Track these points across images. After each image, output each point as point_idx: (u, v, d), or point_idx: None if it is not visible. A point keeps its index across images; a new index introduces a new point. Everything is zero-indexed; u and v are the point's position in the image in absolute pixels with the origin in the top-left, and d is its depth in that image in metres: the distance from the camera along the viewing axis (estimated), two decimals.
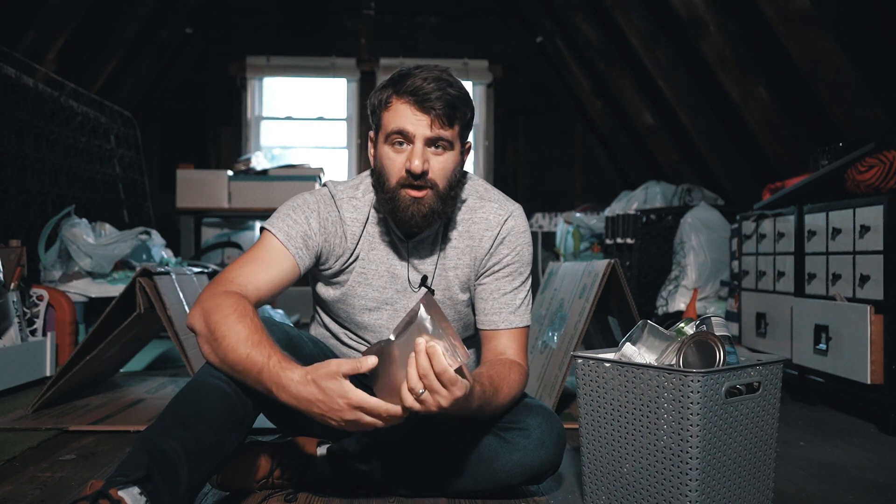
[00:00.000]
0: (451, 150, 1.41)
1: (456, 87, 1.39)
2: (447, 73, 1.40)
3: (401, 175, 1.39)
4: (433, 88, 1.36)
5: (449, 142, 1.40)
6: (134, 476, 1.12)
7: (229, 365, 1.25)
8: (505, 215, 1.51)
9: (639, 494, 1.32)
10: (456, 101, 1.38)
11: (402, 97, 1.38)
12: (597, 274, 2.19)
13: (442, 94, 1.36)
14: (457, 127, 1.41)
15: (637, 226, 4.11)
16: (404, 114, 1.37)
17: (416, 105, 1.36)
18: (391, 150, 1.40)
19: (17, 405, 2.31)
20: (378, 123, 1.43)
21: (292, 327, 1.53)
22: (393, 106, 1.39)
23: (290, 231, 1.43)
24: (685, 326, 1.42)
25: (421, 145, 1.38)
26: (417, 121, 1.37)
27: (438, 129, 1.37)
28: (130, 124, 4.84)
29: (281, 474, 1.48)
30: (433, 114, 1.36)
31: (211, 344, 1.27)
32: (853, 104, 3.03)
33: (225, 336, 1.25)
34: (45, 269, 3.31)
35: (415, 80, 1.37)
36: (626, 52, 4.65)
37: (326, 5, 6.08)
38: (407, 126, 1.37)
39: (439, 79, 1.37)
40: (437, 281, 1.51)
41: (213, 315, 1.27)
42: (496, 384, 1.35)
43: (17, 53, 3.49)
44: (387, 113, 1.40)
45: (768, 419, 1.36)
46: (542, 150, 6.28)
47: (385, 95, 1.40)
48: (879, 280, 2.17)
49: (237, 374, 1.25)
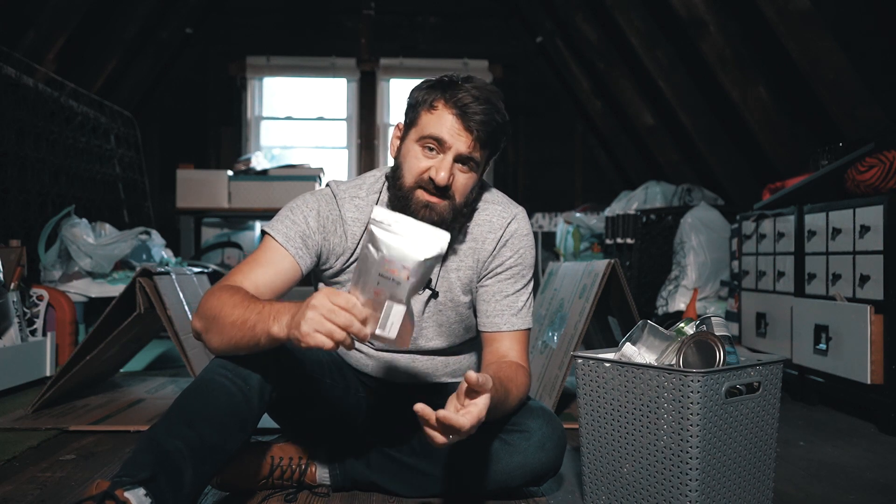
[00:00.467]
0: (475, 172, 1.41)
1: (501, 114, 1.39)
2: (496, 96, 1.39)
3: (421, 178, 1.38)
4: (482, 111, 1.35)
5: (477, 163, 1.40)
6: (139, 477, 1.12)
7: (228, 339, 1.23)
8: (508, 218, 1.51)
9: (639, 494, 1.32)
10: (498, 130, 1.38)
11: (450, 107, 1.36)
12: (597, 274, 2.19)
13: (489, 118, 1.35)
14: (488, 151, 1.41)
15: (637, 226, 4.11)
16: (447, 123, 1.36)
17: (461, 120, 1.35)
18: (420, 151, 1.38)
19: (17, 405, 2.31)
20: (414, 120, 1.41)
21: None
22: (437, 111, 1.37)
23: (289, 232, 1.43)
24: (685, 326, 1.42)
25: (451, 159, 1.36)
26: (457, 135, 1.35)
27: (472, 150, 1.37)
28: (130, 124, 4.84)
29: (281, 474, 1.48)
30: (475, 135, 1.35)
31: (211, 326, 1.26)
32: (853, 104, 3.03)
33: (221, 309, 1.24)
34: (45, 269, 3.31)
35: (465, 94, 1.35)
36: (626, 52, 4.65)
37: (326, 5, 6.08)
38: (446, 136, 1.35)
39: (489, 101, 1.36)
40: (439, 283, 1.50)
41: (209, 303, 1.27)
42: (507, 386, 1.35)
43: (17, 53, 3.49)
44: (428, 115, 1.38)
45: (768, 419, 1.36)
46: (542, 150, 6.28)
47: (432, 97, 1.38)
48: (879, 280, 2.17)
49: (238, 341, 1.22)
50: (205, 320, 1.27)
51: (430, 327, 1.53)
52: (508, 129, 1.42)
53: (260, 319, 1.18)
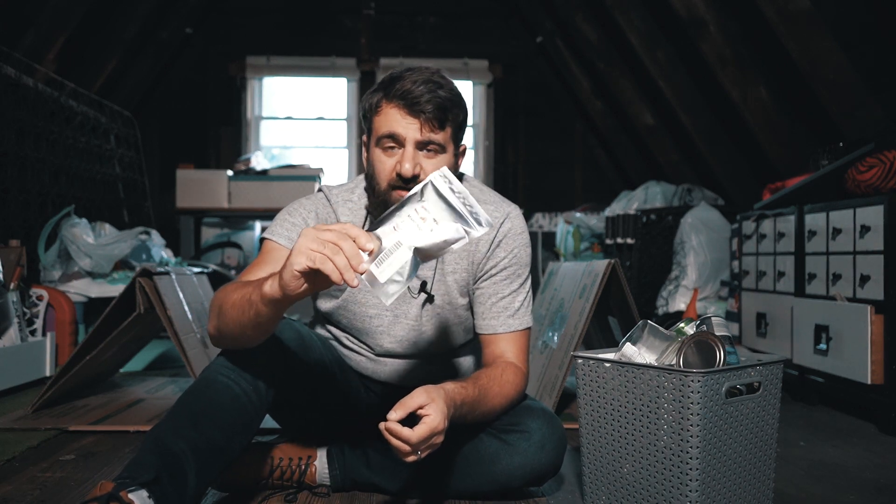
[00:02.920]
0: (444, 153, 1.40)
1: (447, 88, 1.38)
2: (438, 75, 1.39)
3: (391, 178, 1.38)
4: (423, 91, 1.34)
5: (440, 145, 1.38)
6: (143, 478, 1.12)
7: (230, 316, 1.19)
8: (501, 217, 1.50)
9: (639, 494, 1.32)
10: (446, 104, 1.37)
11: (392, 101, 1.37)
12: (597, 274, 2.19)
13: (432, 96, 1.35)
14: (449, 129, 1.39)
15: (637, 226, 4.11)
16: (394, 118, 1.36)
17: (406, 108, 1.35)
18: (382, 154, 1.39)
19: (17, 405, 2.31)
20: (369, 127, 1.43)
21: (305, 327, 1.51)
22: (383, 110, 1.38)
23: (290, 234, 1.43)
24: (685, 326, 1.42)
25: (412, 149, 1.36)
26: (408, 124, 1.36)
27: (429, 133, 1.36)
28: (130, 124, 4.84)
29: (281, 475, 1.48)
30: (423, 117, 1.35)
31: (219, 319, 1.23)
32: (853, 104, 3.03)
33: (225, 298, 1.22)
34: (45, 269, 3.31)
35: (404, 83, 1.35)
36: (626, 52, 4.65)
37: (326, 5, 6.08)
38: (397, 129, 1.36)
39: (429, 81, 1.36)
40: (436, 286, 1.50)
41: (215, 301, 1.26)
42: (485, 386, 1.35)
43: (17, 53, 3.49)
44: (377, 117, 1.39)
45: (768, 419, 1.36)
46: (542, 150, 6.28)
47: (375, 99, 1.40)
48: (880, 280, 2.17)
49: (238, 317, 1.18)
50: (215, 318, 1.26)
51: (430, 331, 1.53)
52: (461, 101, 1.41)
53: (255, 289, 1.15)
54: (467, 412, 1.30)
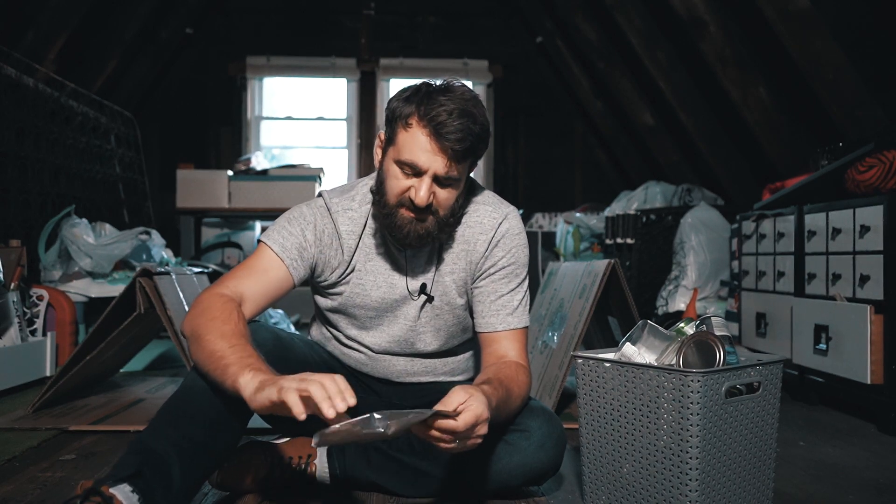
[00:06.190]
0: (458, 184, 1.40)
1: (479, 123, 1.35)
2: (473, 104, 1.35)
3: (402, 197, 1.37)
4: (457, 128, 1.31)
5: (457, 179, 1.38)
6: (124, 474, 1.12)
7: (203, 363, 1.22)
8: (499, 218, 1.51)
9: (639, 494, 1.32)
10: (476, 143, 1.35)
11: (424, 123, 1.32)
12: (597, 274, 2.19)
13: (464, 135, 1.32)
14: (469, 162, 1.39)
15: (637, 226, 4.11)
16: (421, 145, 1.33)
17: (436, 140, 1.32)
18: (399, 172, 1.37)
19: (17, 405, 2.31)
20: (392, 136, 1.39)
21: (283, 331, 1.53)
22: (412, 129, 1.34)
23: (286, 242, 1.44)
24: (685, 326, 1.42)
25: (430, 180, 1.35)
26: (433, 157, 1.33)
27: (451, 170, 1.35)
28: (130, 124, 4.84)
29: (281, 474, 1.48)
30: (450, 154, 1.33)
31: (194, 343, 1.26)
32: (853, 104, 3.03)
33: (208, 332, 1.24)
34: (45, 269, 3.31)
35: (440, 111, 1.31)
36: (626, 52, 4.65)
37: (326, 5, 6.08)
38: (420, 161, 1.33)
39: (465, 114, 1.32)
40: (434, 287, 1.51)
41: (200, 318, 1.27)
42: (508, 386, 1.35)
43: (17, 53, 3.49)
44: (404, 133, 1.35)
45: (768, 419, 1.36)
46: (542, 150, 6.28)
47: (407, 111, 1.34)
48: (879, 280, 2.17)
49: (209, 371, 1.21)
50: (192, 333, 1.27)
51: (428, 331, 1.53)
52: (487, 134, 1.39)
53: (235, 364, 1.16)
54: (498, 413, 1.30)
